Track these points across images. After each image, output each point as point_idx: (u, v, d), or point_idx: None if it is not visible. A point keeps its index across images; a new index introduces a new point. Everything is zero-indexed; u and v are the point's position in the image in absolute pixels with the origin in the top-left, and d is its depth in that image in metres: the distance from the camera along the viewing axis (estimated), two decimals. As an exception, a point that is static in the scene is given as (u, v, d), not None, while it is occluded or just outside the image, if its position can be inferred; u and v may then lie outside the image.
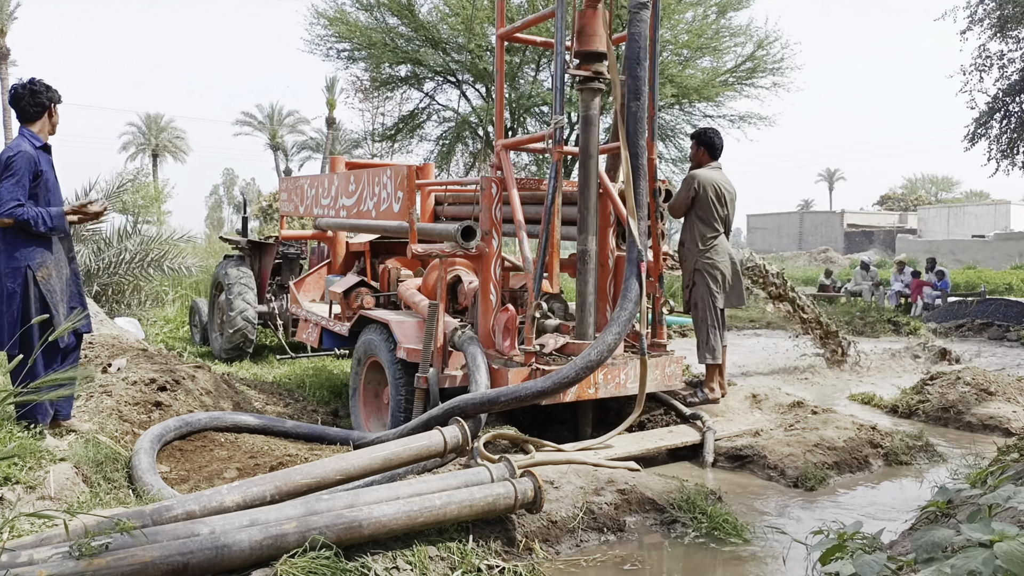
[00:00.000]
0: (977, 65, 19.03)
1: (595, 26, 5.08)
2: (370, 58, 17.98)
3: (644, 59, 4.88)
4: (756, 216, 49.27)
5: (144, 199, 31.28)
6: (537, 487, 3.50)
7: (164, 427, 4.71)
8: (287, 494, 3.35)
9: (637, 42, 4.86)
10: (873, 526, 2.67)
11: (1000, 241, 29.38)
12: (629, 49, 4.90)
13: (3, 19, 30.27)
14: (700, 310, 5.96)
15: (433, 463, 4.16)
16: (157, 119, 53.42)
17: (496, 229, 5.28)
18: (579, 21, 5.15)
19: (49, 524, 3.03)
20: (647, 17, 4.90)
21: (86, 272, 9.98)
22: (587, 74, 5.13)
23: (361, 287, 6.52)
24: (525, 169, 19.17)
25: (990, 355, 10.48)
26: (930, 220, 41.17)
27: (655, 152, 5.47)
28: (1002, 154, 19.27)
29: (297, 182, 7.75)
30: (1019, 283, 20.76)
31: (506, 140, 5.73)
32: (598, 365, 4.44)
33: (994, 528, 1.71)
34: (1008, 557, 1.60)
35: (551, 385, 4.35)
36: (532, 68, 18.10)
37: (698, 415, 5.52)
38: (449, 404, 4.41)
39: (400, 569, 3.04)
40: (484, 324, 5.27)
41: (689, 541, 3.87)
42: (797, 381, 8.43)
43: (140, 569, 2.61)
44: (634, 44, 4.87)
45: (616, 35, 5.49)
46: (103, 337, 6.93)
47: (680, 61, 17.40)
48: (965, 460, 5.21)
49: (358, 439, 4.91)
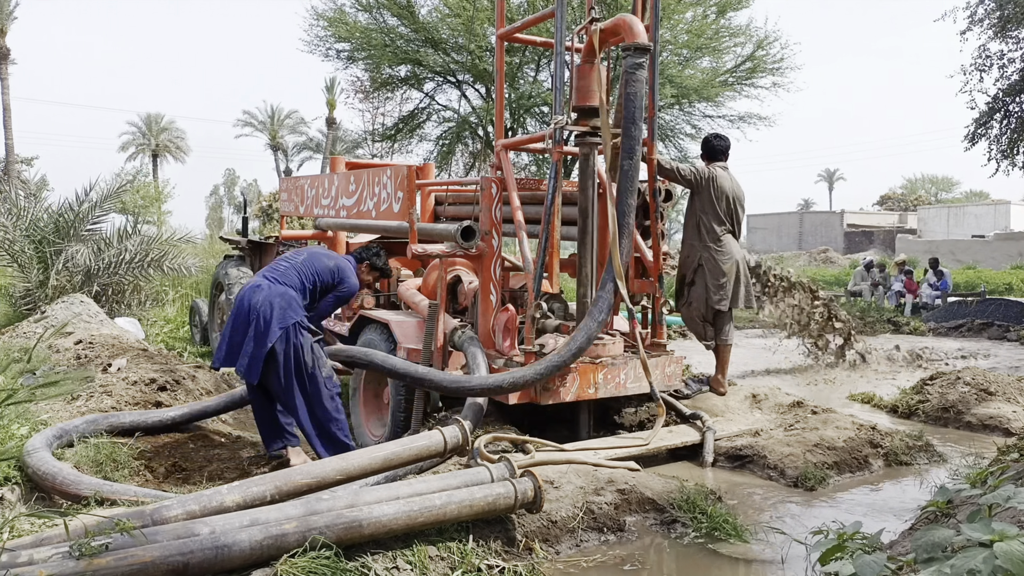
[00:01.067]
0: (977, 65, 19.03)
1: (592, 81, 5.06)
2: (370, 58, 17.99)
3: (640, 119, 4.81)
4: (756, 216, 49.22)
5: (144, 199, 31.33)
6: (537, 487, 3.50)
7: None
8: (287, 494, 3.35)
9: (633, 102, 4.80)
10: (873, 526, 2.67)
11: (1000, 241, 29.37)
12: (626, 109, 4.83)
13: (3, 19, 30.27)
14: (695, 310, 5.84)
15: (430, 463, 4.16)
16: (157, 119, 53.38)
17: (496, 229, 5.28)
18: (577, 77, 5.14)
19: (49, 524, 3.04)
20: (644, 77, 4.85)
21: (86, 272, 9.98)
22: (585, 129, 5.13)
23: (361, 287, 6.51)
24: (525, 169, 19.17)
25: (982, 355, 10.49)
26: (930, 220, 41.15)
27: (655, 152, 5.48)
28: (1002, 154, 19.27)
29: (297, 182, 7.75)
30: (1019, 283, 20.75)
31: (506, 140, 5.74)
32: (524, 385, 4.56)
33: (994, 528, 1.71)
34: (1008, 557, 1.60)
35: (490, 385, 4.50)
36: (532, 68, 18.10)
37: (698, 415, 5.52)
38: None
39: (400, 569, 3.05)
40: (484, 324, 5.27)
41: (689, 541, 3.87)
42: (798, 381, 8.44)
43: (140, 569, 2.60)
44: (630, 104, 4.81)
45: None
46: (103, 337, 6.94)
47: (680, 61, 17.41)
48: (965, 460, 5.21)
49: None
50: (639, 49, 4.77)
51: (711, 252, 5.74)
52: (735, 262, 5.84)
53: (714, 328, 5.90)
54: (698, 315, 5.81)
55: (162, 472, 4.49)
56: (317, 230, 7.78)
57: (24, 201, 11.19)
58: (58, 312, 8.12)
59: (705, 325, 5.83)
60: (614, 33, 5.04)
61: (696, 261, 5.80)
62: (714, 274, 5.73)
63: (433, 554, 3.18)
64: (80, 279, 9.97)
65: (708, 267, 5.74)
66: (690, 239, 5.86)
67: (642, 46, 4.78)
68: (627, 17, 4.96)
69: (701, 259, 5.77)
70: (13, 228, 9.96)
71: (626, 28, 4.89)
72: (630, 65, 4.81)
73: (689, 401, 5.88)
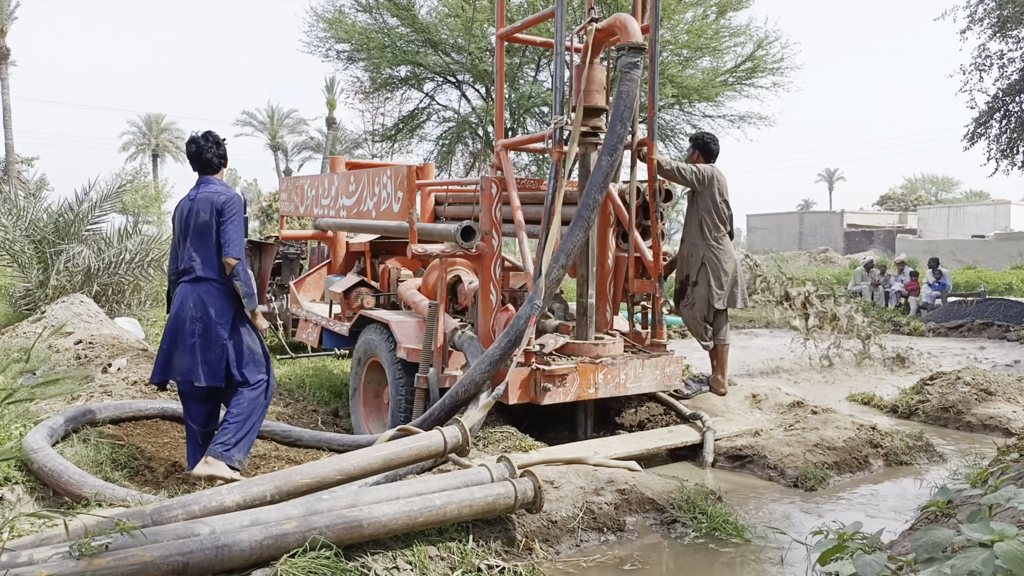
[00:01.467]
0: (977, 65, 19.03)
1: (590, 82, 5.07)
2: (370, 59, 17.99)
3: (628, 117, 4.79)
4: (756, 216, 49.20)
5: (144, 199, 31.30)
6: (537, 487, 3.50)
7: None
8: (287, 494, 3.34)
9: (623, 100, 4.77)
10: (873, 526, 2.67)
11: (1000, 241, 29.35)
12: (615, 106, 4.82)
13: (3, 19, 30.27)
14: (697, 310, 5.78)
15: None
16: (157, 119, 53.34)
17: (496, 229, 5.28)
18: (576, 78, 5.15)
19: (49, 524, 3.03)
20: (637, 76, 4.84)
21: (86, 272, 9.98)
22: (586, 129, 5.13)
23: (361, 287, 6.52)
24: (525, 169, 19.18)
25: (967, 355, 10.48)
26: (930, 220, 41.14)
27: (655, 152, 5.48)
28: (1002, 154, 19.27)
29: (297, 182, 7.75)
30: (1019, 283, 20.73)
31: (506, 140, 5.74)
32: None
33: (994, 528, 1.71)
34: (1008, 557, 1.60)
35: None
36: (532, 68, 18.11)
37: (698, 415, 5.52)
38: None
39: (400, 569, 3.05)
40: (484, 324, 5.27)
41: (689, 541, 3.87)
42: (797, 381, 8.44)
43: (140, 569, 2.60)
44: (620, 102, 4.79)
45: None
46: (103, 337, 6.94)
47: (680, 61, 17.41)
48: (965, 460, 5.21)
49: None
50: (634, 48, 4.78)
51: (714, 251, 5.70)
52: (735, 262, 5.83)
53: (712, 328, 5.88)
54: (700, 315, 5.78)
55: (162, 472, 4.49)
56: (317, 230, 7.79)
57: (24, 201, 11.19)
58: (58, 312, 8.11)
59: (705, 325, 5.82)
60: (611, 33, 5.04)
61: (699, 260, 5.76)
62: (715, 273, 5.70)
63: (433, 554, 3.18)
64: (80, 279, 9.96)
65: (710, 266, 5.69)
66: (692, 238, 5.82)
67: (637, 45, 4.77)
68: (623, 17, 4.96)
69: (704, 258, 5.73)
70: (13, 228, 9.96)
71: (621, 27, 4.89)
72: (625, 64, 4.81)
73: (689, 401, 5.88)
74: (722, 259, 5.72)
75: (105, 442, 4.51)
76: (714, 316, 5.82)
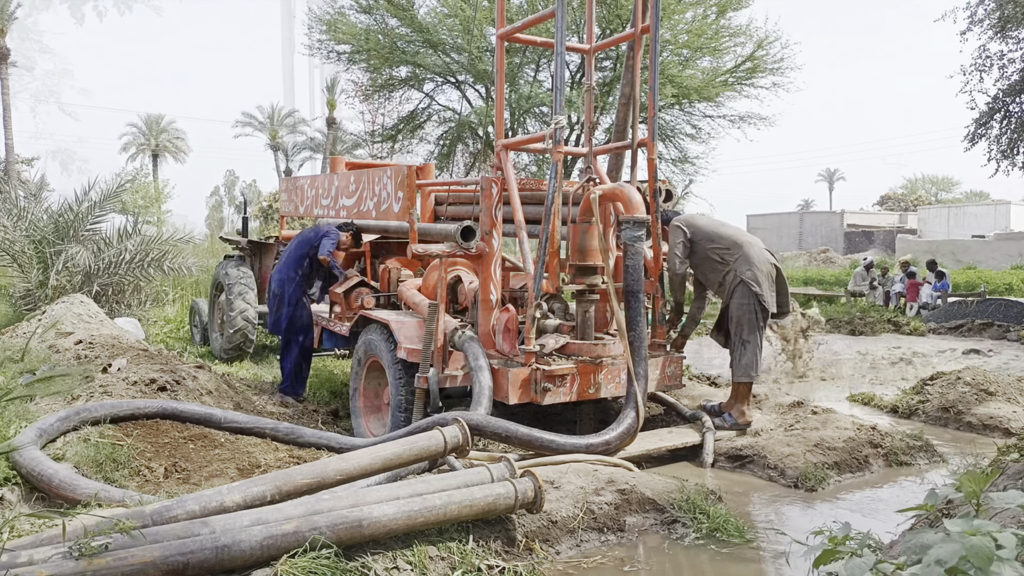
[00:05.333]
0: (977, 65, 19.02)
1: (591, 241, 5.19)
2: (370, 60, 17.99)
3: (640, 289, 4.92)
4: (756, 216, 49.19)
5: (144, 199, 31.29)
6: (537, 487, 3.50)
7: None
8: (287, 494, 3.34)
9: (631, 274, 4.90)
10: (873, 526, 2.67)
11: (1000, 241, 29.36)
12: (625, 281, 4.97)
13: (3, 19, 30.25)
14: (746, 330, 5.37)
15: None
16: (157, 119, 53.29)
17: (496, 229, 5.28)
18: (574, 235, 5.27)
19: (49, 524, 3.03)
20: (642, 249, 4.97)
21: (86, 272, 9.98)
22: (581, 287, 5.23)
23: (361, 287, 6.52)
24: (525, 169, 19.17)
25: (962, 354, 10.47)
26: (930, 220, 41.15)
27: (655, 152, 5.48)
28: (1002, 154, 19.25)
29: (297, 182, 7.75)
30: (1019, 283, 20.75)
31: (506, 140, 5.74)
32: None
33: (975, 524, 1.73)
34: (974, 551, 1.64)
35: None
36: (532, 68, 18.10)
37: (698, 415, 5.51)
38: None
39: (400, 569, 3.05)
40: (484, 324, 5.27)
41: (689, 541, 3.87)
42: (797, 381, 8.43)
43: (140, 569, 2.60)
44: (628, 276, 4.92)
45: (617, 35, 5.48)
46: (103, 337, 6.93)
47: (680, 61, 17.39)
48: (965, 460, 5.21)
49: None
50: (638, 223, 4.86)
51: (738, 268, 5.42)
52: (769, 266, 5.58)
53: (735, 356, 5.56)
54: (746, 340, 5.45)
55: (162, 472, 4.48)
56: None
57: (24, 201, 11.19)
58: (58, 312, 8.11)
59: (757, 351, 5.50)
60: (613, 199, 5.16)
61: (730, 282, 5.44)
62: (751, 287, 5.38)
63: (433, 554, 3.18)
64: (80, 279, 9.96)
65: (746, 281, 5.38)
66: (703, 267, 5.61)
67: (640, 220, 4.88)
68: (625, 188, 5.04)
69: (733, 277, 5.43)
70: (13, 228, 9.96)
71: (626, 200, 4.95)
72: (629, 237, 4.90)
73: (688, 400, 5.88)
74: (755, 270, 5.40)
75: (105, 442, 4.50)
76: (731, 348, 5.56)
